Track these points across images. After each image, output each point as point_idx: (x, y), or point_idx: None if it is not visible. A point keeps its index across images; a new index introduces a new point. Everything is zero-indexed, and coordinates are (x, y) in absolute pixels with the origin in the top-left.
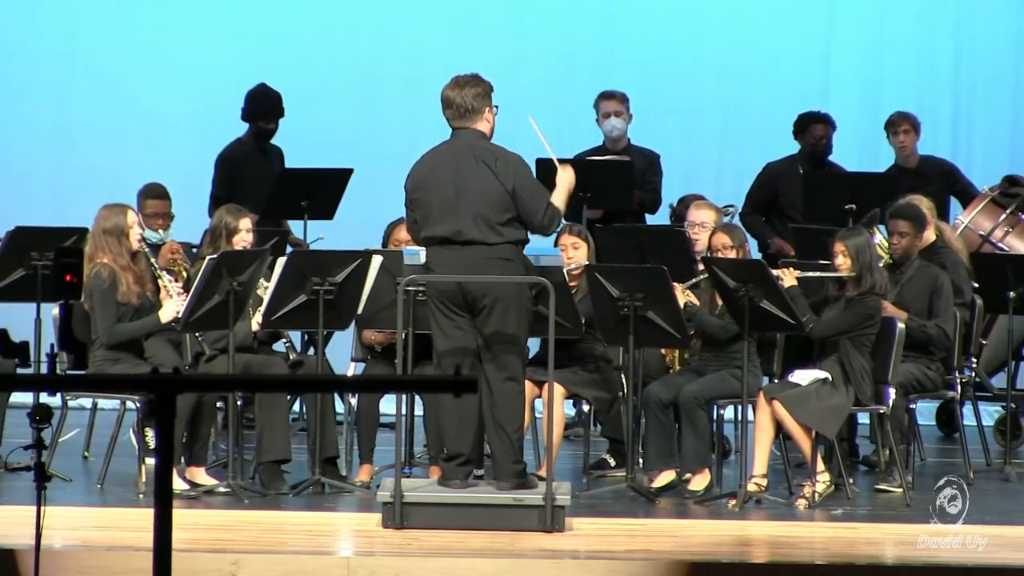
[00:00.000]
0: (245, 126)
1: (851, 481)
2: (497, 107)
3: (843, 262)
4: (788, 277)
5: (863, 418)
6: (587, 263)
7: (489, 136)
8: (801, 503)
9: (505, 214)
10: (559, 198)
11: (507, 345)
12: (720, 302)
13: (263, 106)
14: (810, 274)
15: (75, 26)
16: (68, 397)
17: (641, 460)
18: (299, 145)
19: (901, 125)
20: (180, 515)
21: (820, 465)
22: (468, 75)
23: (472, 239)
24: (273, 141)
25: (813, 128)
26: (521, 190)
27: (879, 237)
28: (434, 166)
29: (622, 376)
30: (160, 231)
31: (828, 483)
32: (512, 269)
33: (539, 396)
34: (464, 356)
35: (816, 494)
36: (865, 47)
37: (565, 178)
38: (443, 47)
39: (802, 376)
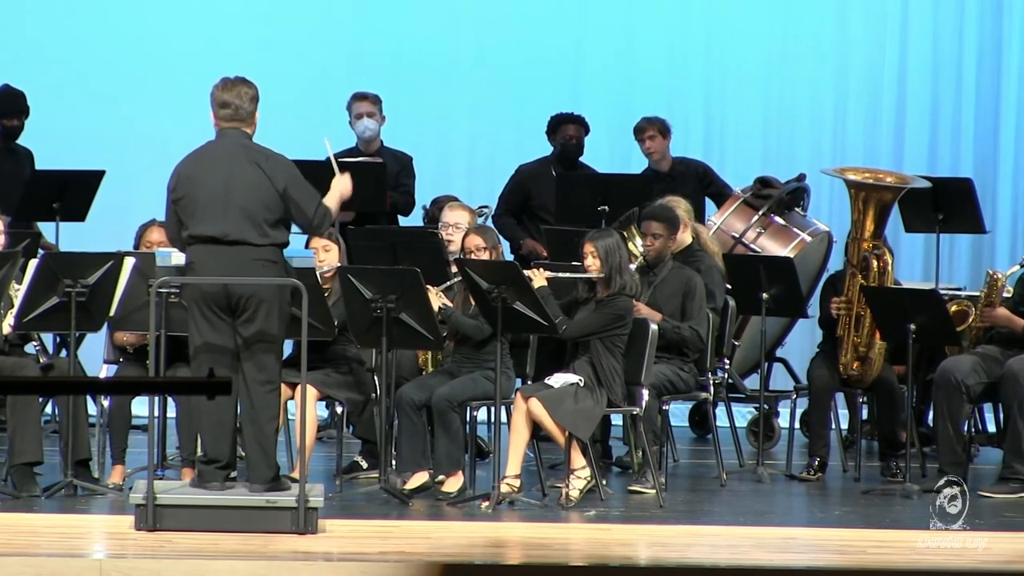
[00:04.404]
0: None
1: (604, 482)
2: None
3: (592, 263)
4: (538, 278)
5: (617, 419)
6: (339, 265)
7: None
8: (564, 499)
9: (274, 215)
10: (332, 201)
11: (267, 347)
12: (474, 303)
13: (5, 105)
14: (560, 275)
15: None
16: None
17: (394, 462)
18: (49, 147)
19: (647, 131)
20: None
21: (581, 461)
22: (237, 77)
23: (239, 239)
24: (23, 142)
25: (564, 128)
26: (292, 190)
27: (638, 239)
28: (202, 164)
29: (375, 377)
30: None
31: (589, 479)
32: (276, 271)
33: (292, 398)
34: (221, 357)
35: (579, 491)
36: (615, 48)
37: (341, 184)
38: (193, 48)
39: (557, 379)
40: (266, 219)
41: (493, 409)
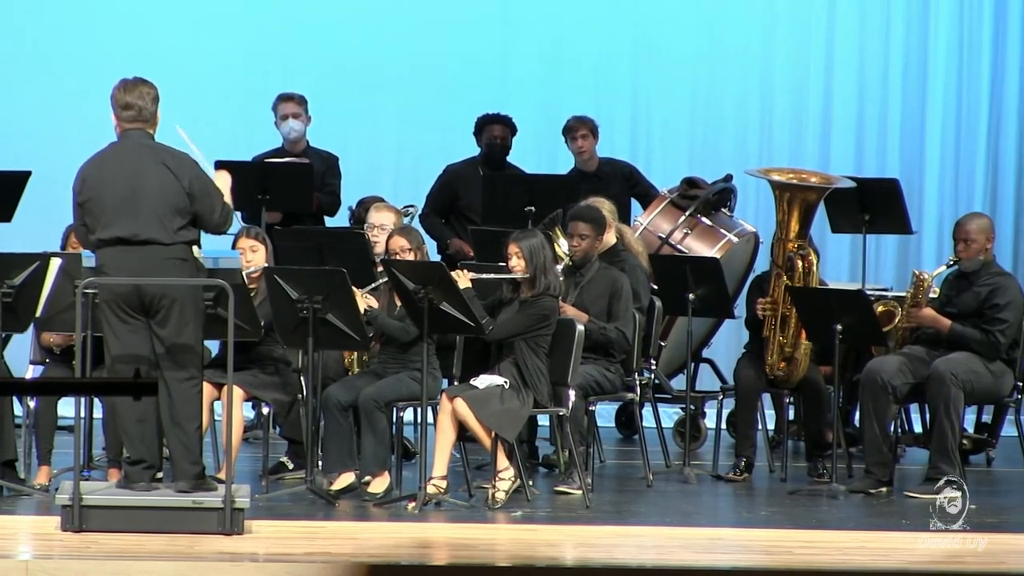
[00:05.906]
0: None
1: (531, 483)
2: None
3: (517, 264)
4: (462, 279)
5: (543, 419)
6: (266, 265)
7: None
8: (491, 500)
9: (182, 213)
10: (227, 199)
11: (185, 346)
12: (400, 304)
13: None
14: (484, 276)
15: None
16: None
17: (320, 462)
18: None
19: (579, 130)
20: None
21: (505, 462)
22: (137, 78)
23: (149, 239)
24: None
25: (490, 129)
26: (198, 189)
27: (563, 240)
28: (107, 167)
29: (301, 378)
30: None
31: (514, 479)
32: (188, 269)
33: (218, 398)
34: (139, 359)
35: (504, 492)
36: (542, 49)
37: (224, 181)
38: (120, 47)
39: (483, 381)
40: (175, 218)
41: (419, 410)
